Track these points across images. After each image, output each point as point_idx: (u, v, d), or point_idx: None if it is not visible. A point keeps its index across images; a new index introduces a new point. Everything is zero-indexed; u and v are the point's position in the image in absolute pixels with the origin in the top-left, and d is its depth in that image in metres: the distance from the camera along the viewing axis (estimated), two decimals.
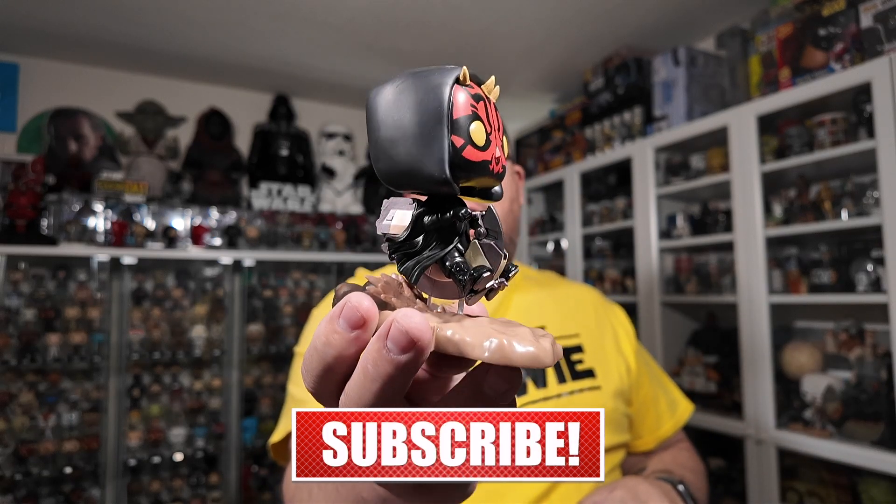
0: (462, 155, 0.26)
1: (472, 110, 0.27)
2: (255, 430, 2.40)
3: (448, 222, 0.28)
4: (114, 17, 2.01)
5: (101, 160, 2.37)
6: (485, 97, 0.28)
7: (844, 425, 1.40)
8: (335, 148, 2.80)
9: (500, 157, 0.29)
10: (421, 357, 0.24)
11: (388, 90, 0.27)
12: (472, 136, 0.27)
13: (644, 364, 0.91)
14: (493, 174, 0.28)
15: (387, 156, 0.27)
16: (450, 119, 0.26)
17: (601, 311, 0.90)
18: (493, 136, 0.28)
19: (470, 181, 0.28)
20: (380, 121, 0.27)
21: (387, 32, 2.15)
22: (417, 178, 0.27)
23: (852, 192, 1.49)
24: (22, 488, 2.02)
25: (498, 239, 0.30)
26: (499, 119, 0.29)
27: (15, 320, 2.07)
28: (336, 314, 0.26)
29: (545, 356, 0.25)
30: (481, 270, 0.28)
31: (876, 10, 1.39)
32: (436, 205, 0.29)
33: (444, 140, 0.26)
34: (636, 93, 2.13)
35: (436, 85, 0.26)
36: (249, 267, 2.43)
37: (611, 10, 1.99)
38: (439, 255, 0.28)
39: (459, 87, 0.27)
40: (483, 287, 0.28)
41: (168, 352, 2.27)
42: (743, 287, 1.60)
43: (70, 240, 2.15)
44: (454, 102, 0.26)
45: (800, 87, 1.50)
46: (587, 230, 2.28)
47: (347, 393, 0.27)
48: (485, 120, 0.27)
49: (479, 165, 0.27)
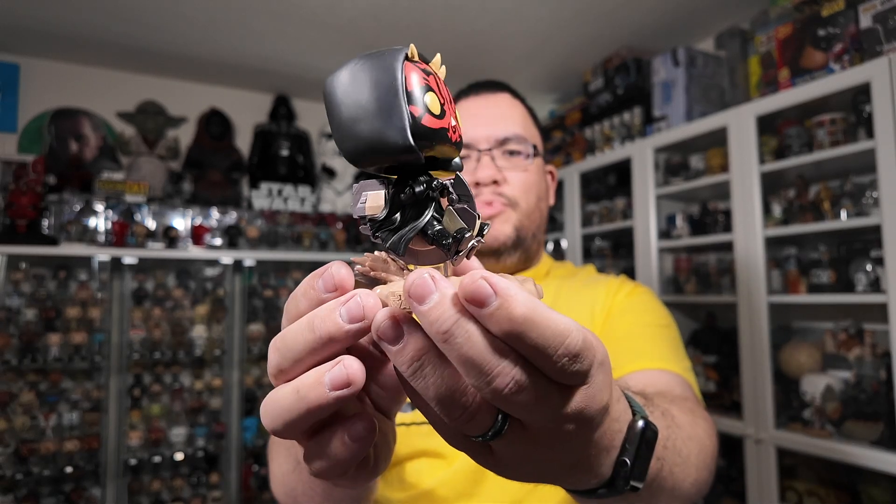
0: (422, 123, 0.28)
1: (424, 82, 0.29)
2: (256, 429, 2.40)
3: (422, 195, 0.30)
4: (114, 17, 2.02)
5: (101, 160, 2.37)
6: (433, 72, 0.30)
7: (843, 425, 1.41)
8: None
9: (455, 126, 0.30)
10: (358, 336, 0.28)
11: (343, 74, 0.29)
12: (429, 105, 0.28)
13: (629, 314, 0.80)
14: (451, 142, 0.30)
15: (351, 134, 0.29)
16: (405, 91, 0.28)
17: (593, 296, 0.84)
18: (446, 106, 0.30)
19: (433, 150, 0.29)
20: (339, 103, 0.29)
21: (387, 33, 2.15)
22: (383, 151, 0.28)
23: (851, 193, 1.49)
24: (23, 488, 2.02)
25: (470, 202, 0.32)
26: (448, 93, 0.31)
27: (16, 320, 2.08)
28: (318, 273, 0.29)
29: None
30: (462, 232, 0.30)
31: (875, 11, 1.40)
32: (406, 181, 0.30)
33: (403, 110, 0.28)
34: (636, 93, 2.14)
35: (388, 63, 0.28)
36: (250, 267, 2.44)
37: (610, 11, 2.00)
38: (420, 226, 0.30)
39: (410, 64, 0.29)
40: (466, 247, 0.30)
41: (169, 351, 2.28)
42: (742, 287, 1.61)
43: (71, 240, 2.16)
44: (407, 77, 0.28)
45: (799, 88, 1.50)
46: (587, 230, 2.28)
47: (284, 334, 0.29)
48: (437, 91, 0.29)
49: (439, 132, 0.29)
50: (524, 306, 0.24)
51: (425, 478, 0.69)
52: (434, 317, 0.25)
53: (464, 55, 2.34)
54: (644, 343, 0.76)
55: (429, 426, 0.59)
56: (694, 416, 0.56)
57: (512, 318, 0.24)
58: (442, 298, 0.25)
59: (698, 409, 0.63)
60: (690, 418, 0.54)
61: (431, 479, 0.69)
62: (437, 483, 0.68)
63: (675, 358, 0.76)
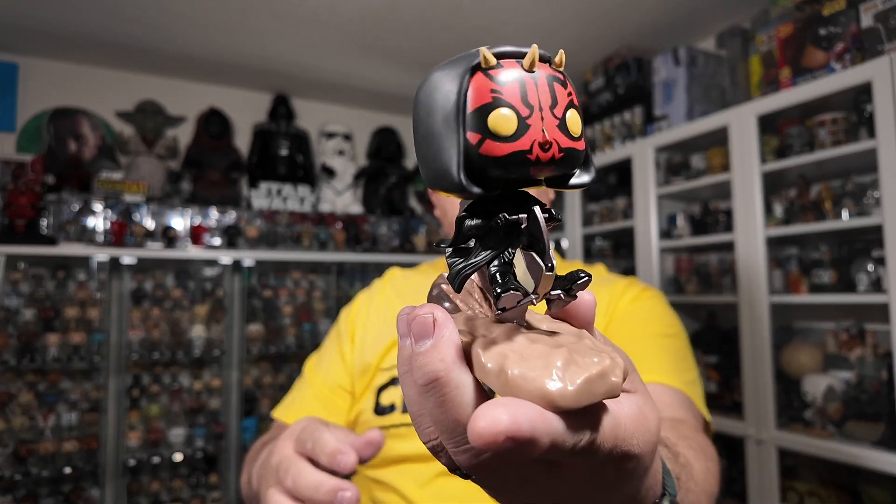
0: (479, 152, 0.24)
1: (490, 97, 0.24)
2: (255, 430, 2.39)
3: (496, 227, 0.25)
4: (113, 16, 2.01)
5: (100, 160, 2.37)
6: (526, 72, 0.24)
7: (845, 425, 1.40)
8: (335, 148, 2.80)
9: (548, 140, 0.24)
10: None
11: (423, 86, 0.25)
12: (492, 126, 0.23)
13: (632, 322, 0.78)
14: (533, 163, 0.24)
15: (421, 157, 0.26)
16: (463, 115, 0.24)
17: (606, 299, 0.81)
18: (533, 117, 0.24)
19: (511, 178, 0.25)
20: (415, 118, 0.26)
21: (387, 32, 2.15)
22: (444, 183, 0.25)
23: (853, 192, 1.49)
24: (21, 488, 2.01)
25: (538, 245, 0.25)
26: (555, 93, 0.25)
27: (14, 320, 2.07)
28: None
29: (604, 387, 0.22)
30: (507, 286, 0.24)
31: (876, 10, 1.39)
32: (481, 206, 0.26)
33: (454, 139, 0.24)
34: (636, 92, 2.13)
35: (451, 76, 0.24)
36: (249, 267, 2.43)
37: (611, 10, 1.99)
38: (482, 264, 0.25)
39: (479, 74, 0.24)
40: (506, 306, 0.25)
41: (167, 352, 2.27)
42: (743, 287, 1.60)
43: (69, 240, 2.15)
44: (469, 94, 0.24)
45: (800, 87, 1.50)
46: (587, 230, 2.28)
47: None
48: (518, 102, 0.24)
49: (508, 159, 0.24)
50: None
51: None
52: (418, 363, 0.24)
53: None
54: (645, 355, 0.72)
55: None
56: (706, 459, 0.54)
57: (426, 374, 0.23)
58: (430, 349, 0.24)
59: (702, 437, 0.62)
60: (703, 465, 0.52)
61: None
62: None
63: (678, 371, 0.73)
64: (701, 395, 0.75)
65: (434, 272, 0.93)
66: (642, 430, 0.25)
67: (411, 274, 0.95)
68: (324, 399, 0.83)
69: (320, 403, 0.82)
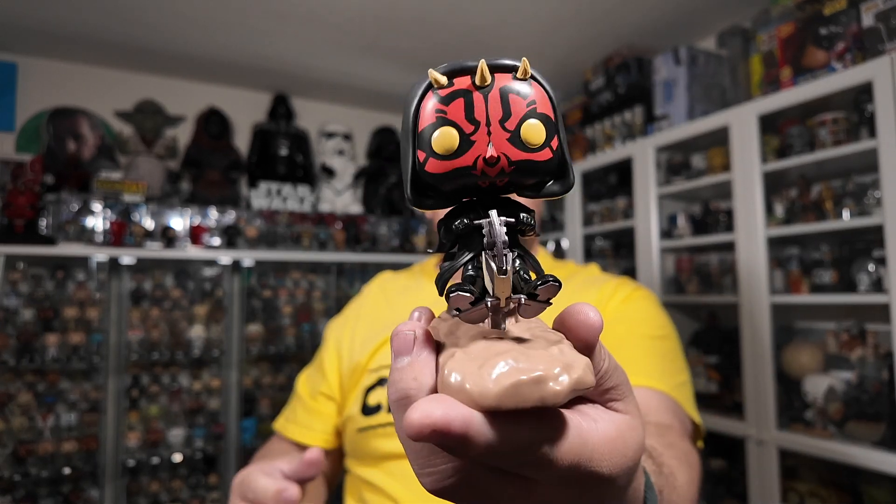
0: (425, 169, 0.24)
1: (436, 117, 0.24)
2: (255, 430, 2.39)
3: (462, 232, 0.26)
4: (113, 16, 2.01)
5: (99, 160, 2.36)
6: (477, 89, 0.24)
7: (846, 426, 1.40)
8: (335, 147, 2.80)
9: (494, 155, 0.24)
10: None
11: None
12: (434, 145, 0.24)
13: (622, 323, 0.77)
14: (481, 177, 0.24)
15: (402, 169, 0.27)
16: (414, 134, 0.25)
17: (588, 300, 0.79)
18: (478, 133, 0.24)
19: (465, 192, 0.26)
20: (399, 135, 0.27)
21: (387, 32, 2.14)
22: (405, 195, 0.27)
23: (853, 192, 1.48)
24: (20, 489, 2.01)
25: (496, 252, 0.25)
26: (508, 106, 0.24)
27: (13, 320, 2.06)
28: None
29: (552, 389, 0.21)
30: (460, 287, 0.24)
31: (877, 10, 1.39)
32: (460, 208, 0.26)
33: (408, 159, 0.25)
34: (637, 92, 2.13)
35: (411, 99, 0.25)
36: (248, 267, 2.43)
37: (611, 10, 1.99)
38: (457, 267, 0.26)
39: (430, 94, 0.25)
40: (459, 307, 0.24)
41: (167, 352, 2.27)
42: (744, 287, 1.60)
43: (69, 240, 2.15)
44: (421, 114, 0.24)
45: (801, 87, 1.49)
46: (588, 230, 2.27)
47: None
48: (462, 120, 0.24)
49: (452, 175, 0.24)
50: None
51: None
52: (393, 378, 0.24)
53: (464, 54, 2.33)
54: (634, 357, 0.72)
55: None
56: (689, 469, 0.54)
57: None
58: (407, 367, 0.23)
59: (686, 444, 0.61)
60: (687, 475, 0.52)
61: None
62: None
63: (667, 373, 0.73)
64: (691, 397, 0.75)
65: (422, 273, 0.95)
66: (616, 454, 0.25)
67: (400, 275, 0.98)
68: (310, 410, 0.86)
69: (308, 415, 0.86)
